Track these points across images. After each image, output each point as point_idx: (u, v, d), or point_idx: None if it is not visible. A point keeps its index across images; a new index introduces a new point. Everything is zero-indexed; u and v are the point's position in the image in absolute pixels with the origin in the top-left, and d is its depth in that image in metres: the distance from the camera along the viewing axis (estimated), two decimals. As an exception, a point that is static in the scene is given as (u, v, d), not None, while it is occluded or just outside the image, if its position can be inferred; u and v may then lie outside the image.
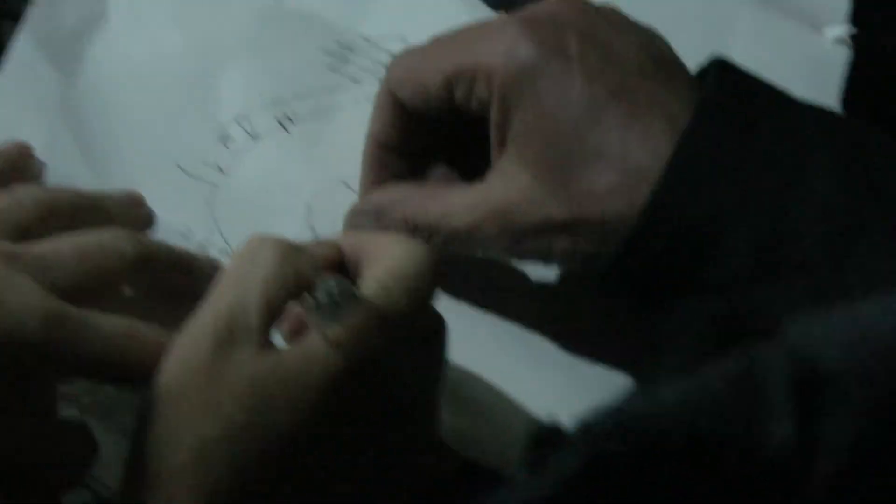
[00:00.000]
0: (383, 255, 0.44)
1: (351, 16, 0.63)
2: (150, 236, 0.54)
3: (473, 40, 0.51)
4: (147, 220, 0.55)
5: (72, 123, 0.58)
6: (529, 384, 0.54)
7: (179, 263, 0.50)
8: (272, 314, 0.43)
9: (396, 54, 0.54)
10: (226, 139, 0.59)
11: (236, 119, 0.59)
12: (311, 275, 0.44)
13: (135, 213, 0.54)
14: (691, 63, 0.51)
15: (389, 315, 0.42)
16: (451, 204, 0.51)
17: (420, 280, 0.44)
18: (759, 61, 0.51)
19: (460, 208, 0.50)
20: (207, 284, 0.44)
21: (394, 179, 0.54)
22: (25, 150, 0.54)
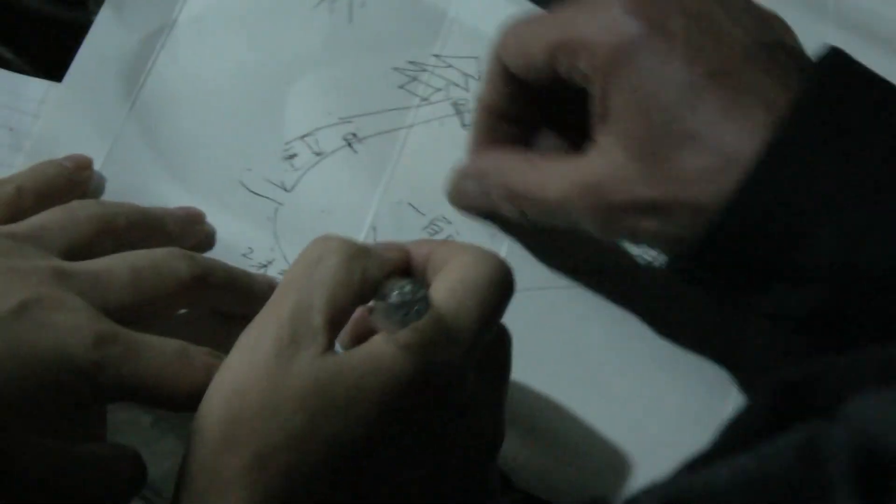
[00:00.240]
0: (454, 263, 0.43)
1: (424, 34, 0.61)
2: (209, 255, 0.53)
3: (579, 13, 0.49)
4: (207, 239, 0.54)
5: (133, 138, 0.56)
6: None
7: (236, 284, 0.49)
8: (337, 317, 0.41)
9: (508, 21, 0.53)
10: (291, 157, 0.57)
11: (302, 137, 0.58)
12: (378, 278, 0.42)
13: (194, 231, 0.53)
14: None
15: (459, 323, 0.41)
16: (549, 174, 0.50)
17: (491, 290, 0.43)
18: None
19: (556, 179, 0.50)
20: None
21: (501, 145, 0.54)
22: (84, 164, 0.53)
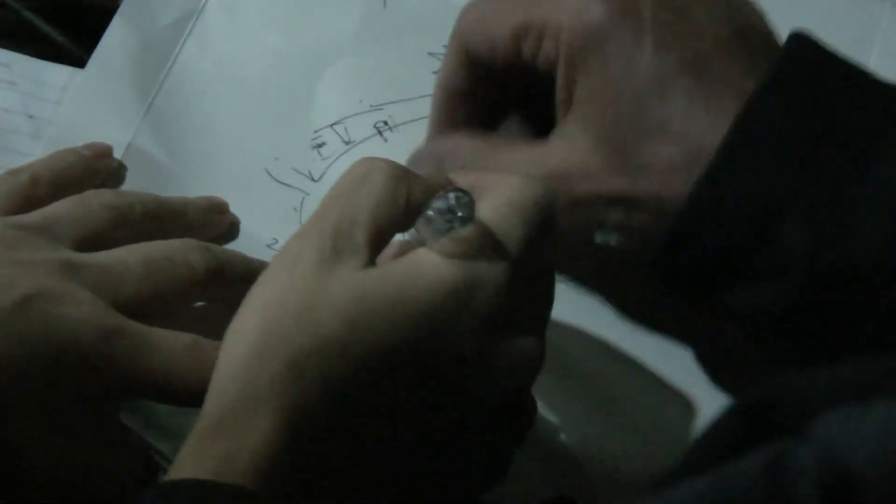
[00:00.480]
0: (500, 185, 0.42)
1: (459, 20, 0.59)
2: (232, 246, 0.52)
3: None
4: (230, 229, 0.53)
5: (157, 126, 0.55)
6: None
7: (255, 277, 0.48)
8: (380, 235, 0.40)
9: (468, 2, 0.51)
10: (320, 146, 0.56)
11: (332, 125, 0.57)
12: (422, 202, 0.41)
13: (216, 222, 0.52)
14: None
15: (504, 238, 0.40)
16: (510, 160, 0.48)
17: (537, 211, 0.41)
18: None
19: (518, 166, 0.47)
20: None
21: (461, 128, 0.52)
22: (103, 152, 0.52)
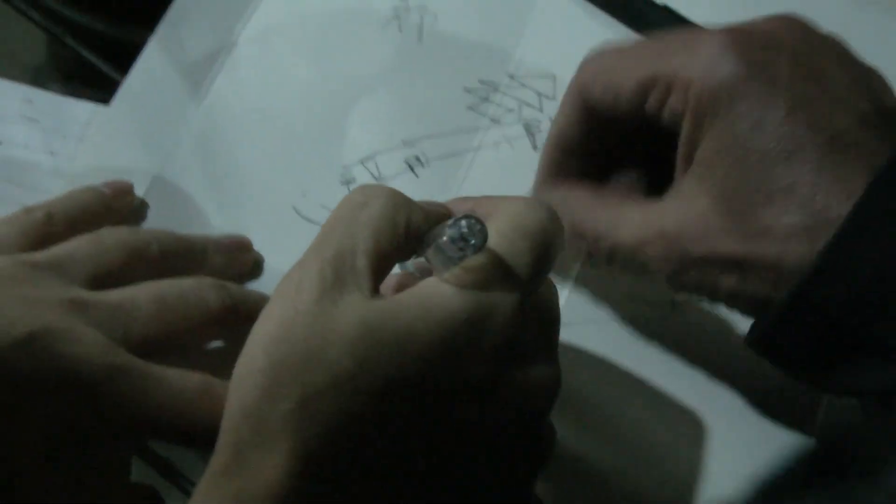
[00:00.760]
0: (503, 210, 0.41)
1: (499, 53, 0.58)
2: (256, 284, 0.51)
3: (676, 48, 0.46)
4: (253, 268, 0.52)
5: (182, 162, 0.55)
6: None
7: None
8: (381, 263, 0.39)
9: (591, 51, 0.50)
10: (349, 182, 0.55)
11: (362, 161, 0.56)
12: (422, 228, 0.40)
13: (239, 260, 0.51)
14: None
15: (513, 264, 0.39)
16: (622, 217, 0.47)
17: (543, 235, 0.40)
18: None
19: (630, 223, 0.46)
20: None
21: (571, 180, 0.51)
22: (123, 189, 0.52)
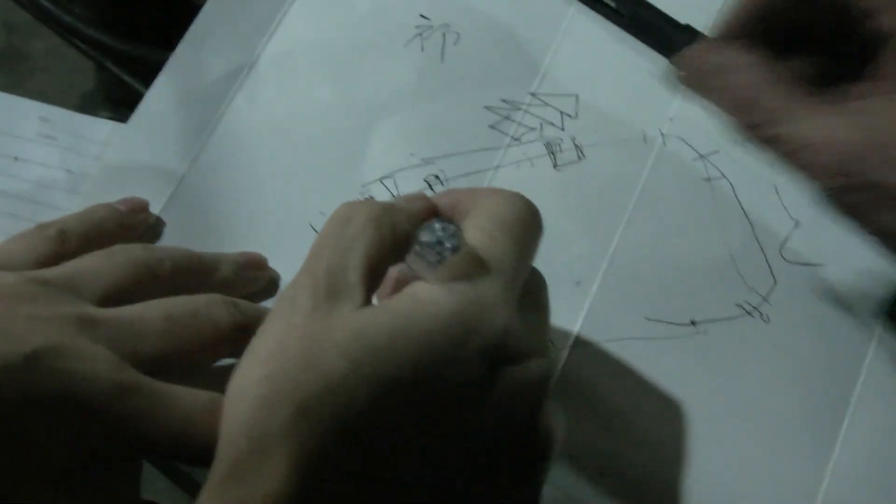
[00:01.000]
0: (481, 205, 0.42)
1: (522, 72, 0.58)
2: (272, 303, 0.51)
3: None
4: (269, 285, 0.52)
5: (199, 180, 0.55)
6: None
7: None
8: (372, 273, 0.40)
9: None
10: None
11: (381, 179, 0.55)
12: (409, 230, 0.41)
13: (254, 278, 0.51)
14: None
15: (494, 257, 0.40)
16: (798, 105, 0.42)
17: (521, 226, 0.41)
18: None
19: (806, 117, 0.41)
20: None
21: (748, 43, 0.45)
22: (138, 207, 0.52)
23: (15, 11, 0.59)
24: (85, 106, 0.59)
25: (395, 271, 0.44)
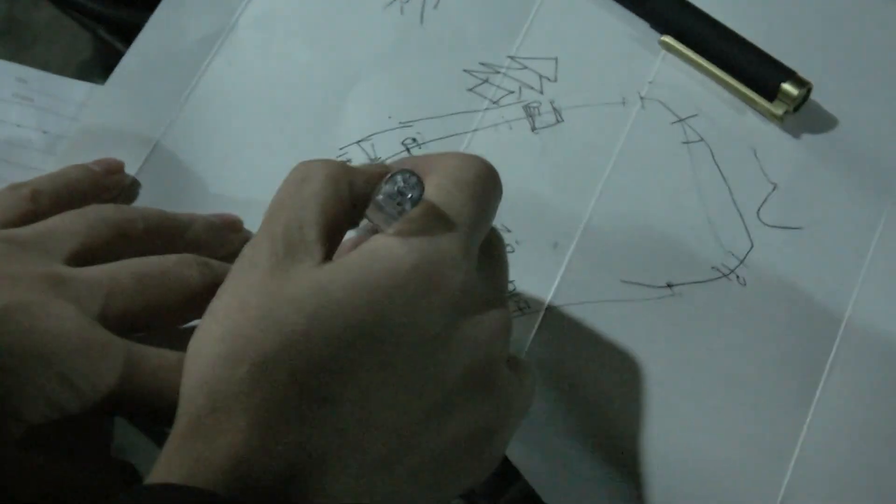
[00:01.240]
0: (439, 166, 0.42)
1: (501, 36, 0.58)
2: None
3: None
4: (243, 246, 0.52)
5: (176, 143, 0.55)
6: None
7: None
8: (330, 230, 0.40)
9: None
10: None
11: (358, 142, 0.55)
12: (366, 191, 0.41)
13: (228, 239, 0.51)
14: None
15: (453, 213, 0.40)
16: None
17: (479, 184, 0.42)
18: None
19: None
20: None
21: None
22: (113, 168, 0.52)
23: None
24: (83, 75, 0.59)
25: (354, 235, 0.44)
